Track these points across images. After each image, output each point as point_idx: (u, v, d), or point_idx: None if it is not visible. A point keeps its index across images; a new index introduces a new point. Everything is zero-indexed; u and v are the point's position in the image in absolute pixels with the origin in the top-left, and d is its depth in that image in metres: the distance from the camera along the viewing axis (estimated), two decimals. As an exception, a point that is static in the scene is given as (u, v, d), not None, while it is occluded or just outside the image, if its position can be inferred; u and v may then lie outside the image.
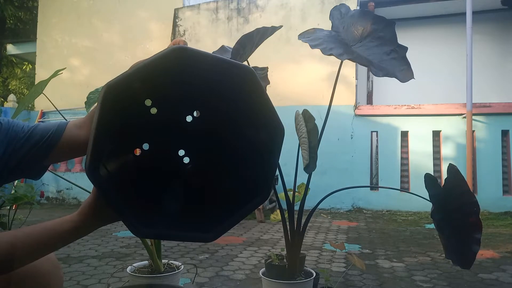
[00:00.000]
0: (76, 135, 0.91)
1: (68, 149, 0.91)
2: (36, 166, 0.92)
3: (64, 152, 0.92)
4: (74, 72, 6.74)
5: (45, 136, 0.90)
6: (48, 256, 0.90)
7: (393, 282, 2.21)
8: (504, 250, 2.98)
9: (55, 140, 0.90)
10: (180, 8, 6.20)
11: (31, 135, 0.90)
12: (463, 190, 1.35)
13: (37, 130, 0.91)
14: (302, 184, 1.98)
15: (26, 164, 0.90)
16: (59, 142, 0.90)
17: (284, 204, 1.77)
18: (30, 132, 0.90)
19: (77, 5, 6.89)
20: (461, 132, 5.06)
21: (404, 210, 5.06)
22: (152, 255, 1.84)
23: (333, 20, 1.68)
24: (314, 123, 1.65)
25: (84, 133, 0.90)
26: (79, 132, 0.91)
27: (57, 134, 0.91)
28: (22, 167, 0.90)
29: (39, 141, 0.90)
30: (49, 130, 0.91)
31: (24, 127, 0.92)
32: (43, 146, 0.90)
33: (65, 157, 0.95)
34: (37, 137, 0.90)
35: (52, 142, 0.90)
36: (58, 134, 0.91)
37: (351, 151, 5.36)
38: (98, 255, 2.77)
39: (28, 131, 0.91)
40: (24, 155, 0.88)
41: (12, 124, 0.91)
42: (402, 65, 1.43)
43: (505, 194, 4.90)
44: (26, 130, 0.91)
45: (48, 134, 0.90)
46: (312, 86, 5.53)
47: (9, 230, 3.16)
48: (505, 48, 6.26)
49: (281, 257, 1.80)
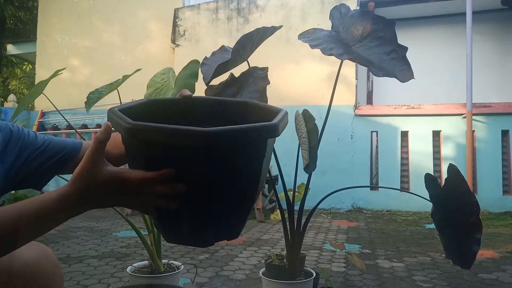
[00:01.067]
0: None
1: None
2: (43, 179, 0.92)
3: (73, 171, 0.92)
4: (74, 72, 6.74)
5: (60, 153, 0.90)
6: (48, 255, 0.90)
7: (393, 282, 2.21)
8: (504, 250, 2.98)
9: (70, 158, 0.91)
10: (180, 8, 6.20)
11: (46, 149, 0.90)
12: (463, 190, 1.36)
13: (52, 144, 0.91)
14: (302, 184, 1.98)
15: (35, 177, 0.89)
16: (72, 161, 0.90)
17: (284, 204, 1.77)
18: (45, 146, 0.90)
19: (77, 5, 6.89)
20: (461, 132, 5.06)
21: (404, 210, 5.05)
22: (152, 255, 1.84)
23: (333, 20, 1.68)
24: (314, 123, 1.65)
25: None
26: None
27: (73, 152, 0.92)
28: (30, 180, 0.90)
29: (53, 156, 0.89)
30: (65, 148, 0.91)
31: (39, 138, 0.91)
32: (56, 162, 0.90)
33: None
34: (51, 153, 0.90)
35: (67, 160, 0.90)
36: (73, 152, 0.92)
37: (351, 151, 5.36)
38: (98, 255, 2.77)
39: (42, 145, 0.90)
40: (35, 169, 0.88)
41: (23, 133, 0.89)
42: (402, 65, 1.42)
43: (505, 194, 4.90)
44: (40, 143, 0.90)
45: (64, 152, 0.91)
46: (312, 86, 5.53)
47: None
48: (505, 48, 6.26)
49: (281, 257, 1.80)
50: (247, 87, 1.54)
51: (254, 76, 1.59)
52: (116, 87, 1.97)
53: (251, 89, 1.53)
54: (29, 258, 0.83)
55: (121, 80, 1.96)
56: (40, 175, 0.90)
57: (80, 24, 6.83)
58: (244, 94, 1.52)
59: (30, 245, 0.86)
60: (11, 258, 0.79)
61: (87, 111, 1.97)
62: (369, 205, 5.24)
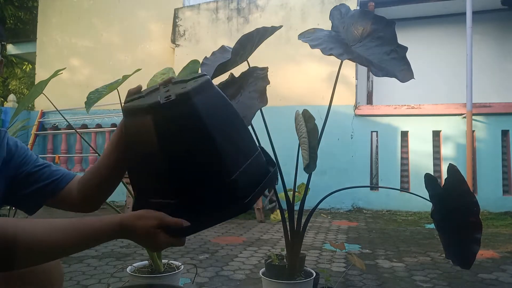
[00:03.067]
0: (74, 192, 0.97)
1: (63, 203, 0.97)
2: (36, 202, 0.96)
3: (60, 204, 0.98)
4: (74, 72, 6.74)
5: (55, 177, 0.96)
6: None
7: (393, 282, 2.21)
8: (504, 250, 2.98)
9: (62, 183, 0.96)
10: (180, 8, 6.20)
11: (43, 169, 0.96)
12: (463, 190, 1.35)
13: (49, 168, 0.97)
14: (302, 184, 1.98)
15: (29, 198, 0.95)
16: (62, 189, 0.96)
17: (284, 204, 1.77)
18: (43, 167, 0.96)
19: (77, 5, 6.89)
20: (461, 132, 5.06)
21: (404, 210, 5.05)
22: (152, 255, 1.84)
23: (333, 20, 1.68)
24: (314, 123, 1.65)
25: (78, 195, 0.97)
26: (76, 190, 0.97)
27: (66, 178, 0.98)
28: (24, 200, 0.95)
29: (47, 178, 0.95)
30: (59, 173, 0.97)
31: (39, 159, 0.98)
32: (50, 185, 0.95)
33: (62, 207, 0.99)
34: (47, 174, 0.96)
35: (59, 185, 0.96)
36: (66, 178, 0.98)
37: (351, 151, 5.36)
38: (98, 255, 2.77)
39: (41, 164, 0.96)
40: (30, 186, 0.94)
41: (27, 152, 0.97)
42: (402, 65, 1.42)
43: (505, 194, 4.90)
44: (39, 162, 0.97)
45: (58, 176, 0.97)
46: (312, 86, 5.53)
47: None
48: (505, 48, 6.26)
49: (281, 257, 1.80)
50: (247, 87, 1.54)
51: (254, 76, 1.59)
52: (116, 87, 1.97)
53: (251, 89, 1.52)
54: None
55: (121, 80, 1.96)
56: (34, 196, 0.94)
57: (80, 24, 6.83)
58: (244, 94, 1.52)
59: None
60: None
61: (87, 111, 1.97)
62: (369, 205, 5.24)
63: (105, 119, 6.27)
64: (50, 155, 6.44)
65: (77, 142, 6.35)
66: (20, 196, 0.93)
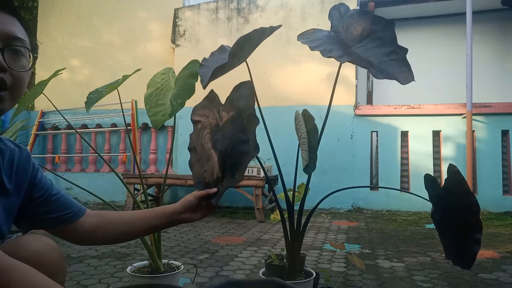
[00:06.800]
0: (85, 227, 1.00)
1: (70, 235, 1.00)
2: (40, 226, 0.98)
3: (65, 234, 1.00)
4: (74, 72, 6.74)
5: (68, 210, 0.98)
6: (54, 247, 0.97)
7: (393, 282, 2.21)
8: (504, 250, 2.98)
9: (73, 218, 0.99)
10: (180, 8, 6.20)
11: (58, 200, 0.98)
12: (463, 190, 1.35)
13: (64, 199, 0.99)
14: (302, 184, 1.98)
15: (35, 221, 0.96)
16: (73, 223, 0.98)
17: (283, 204, 1.77)
18: (58, 197, 0.98)
19: (77, 5, 6.89)
20: (461, 132, 5.06)
21: (404, 210, 5.06)
22: (152, 255, 1.84)
23: (332, 20, 1.68)
24: (314, 123, 1.65)
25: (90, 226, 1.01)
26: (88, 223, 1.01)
27: (78, 214, 1.00)
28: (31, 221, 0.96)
29: (61, 210, 0.97)
30: (72, 207, 0.99)
31: (53, 187, 0.99)
32: (60, 218, 0.97)
33: (64, 237, 1.02)
34: (61, 206, 0.97)
35: (70, 220, 0.98)
36: (78, 214, 1.00)
37: (351, 151, 5.36)
38: (98, 255, 2.77)
39: (56, 194, 0.98)
40: (41, 213, 0.95)
41: (43, 176, 0.98)
42: (402, 67, 1.41)
43: (505, 194, 4.90)
44: (54, 192, 0.98)
45: (71, 210, 0.99)
46: (312, 86, 5.53)
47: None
48: (505, 48, 6.26)
49: (281, 257, 1.80)
50: (236, 128, 1.31)
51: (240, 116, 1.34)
52: (116, 87, 1.97)
53: (239, 130, 1.30)
54: (37, 247, 0.91)
55: (121, 80, 1.96)
56: (38, 222, 0.96)
57: (80, 24, 6.83)
58: (235, 135, 1.30)
59: (38, 238, 0.95)
60: (21, 247, 0.88)
61: (87, 111, 1.97)
62: (369, 205, 5.24)
63: (105, 119, 6.27)
64: (50, 155, 6.44)
65: (77, 142, 6.35)
66: (30, 220, 0.95)
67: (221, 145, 1.31)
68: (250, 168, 4.64)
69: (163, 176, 4.38)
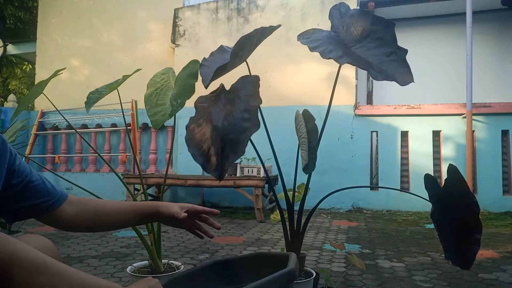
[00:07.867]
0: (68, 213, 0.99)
1: (53, 221, 0.99)
2: (20, 216, 0.96)
3: (48, 220, 0.99)
4: (74, 72, 6.74)
5: (47, 197, 0.96)
6: (50, 246, 0.95)
7: (393, 282, 2.21)
8: (504, 250, 2.98)
9: (54, 206, 0.97)
10: (180, 8, 6.20)
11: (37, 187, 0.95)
12: (463, 190, 1.35)
13: (43, 186, 0.96)
14: (302, 184, 1.98)
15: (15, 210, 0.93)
16: (54, 210, 0.97)
17: (283, 204, 1.77)
18: (37, 183, 0.95)
19: (77, 5, 6.89)
20: (461, 132, 5.06)
21: (404, 210, 5.06)
22: (152, 255, 1.84)
23: (332, 19, 1.67)
24: (314, 123, 1.65)
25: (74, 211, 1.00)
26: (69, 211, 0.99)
27: (59, 201, 0.98)
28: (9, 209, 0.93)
29: (41, 197, 0.95)
30: (53, 194, 0.97)
31: (33, 173, 0.96)
32: (40, 205, 0.95)
33: (48, 223, 1.00)
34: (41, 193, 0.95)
35: (52, 207, 0.96)
36: (59, 201, 0.98)
37: (351, 151, 5.36)
38: (98, 255, 2.77)
39: (35, 181, 0.95)
40: (19, 200, 0.93)
41: (22, 163, 0.95)
42: (402, 68, 1.41)
43: (505, 194, 4.90)
44: (34, 178, 0.95)
45: (51, 197, 0.96)
46: (312, 86, 5.53)
47: (9, 230, 3.15)
48: (505, 48, 6.26)
49: (281, 257, 1.80)
50: (238, 105, 1.43)
51: (243, 93, 1.51)
52: (116, 87, 1.97)
53: (242, 108, 1.41)
54: (33, 247, 0.88)
55: (121, 80, 1.96)
56: (20, 210, 0.94)
57: (80, 24, 6.83)
58: (236, 114, 1.42)
59: (34, 237, 0.94)
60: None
61: (87, 111, 1.97)
62: (369, 205, 5.24)
63: (105, 119, 6.27)
64: (50, 155, 6.44)
65: (77, 142, 6.35)
66: (11, 208, 0.93)
67: (222, 123, 1.39)
68: (250, 168, 4.64)
69: (163, 176, 4.38)
